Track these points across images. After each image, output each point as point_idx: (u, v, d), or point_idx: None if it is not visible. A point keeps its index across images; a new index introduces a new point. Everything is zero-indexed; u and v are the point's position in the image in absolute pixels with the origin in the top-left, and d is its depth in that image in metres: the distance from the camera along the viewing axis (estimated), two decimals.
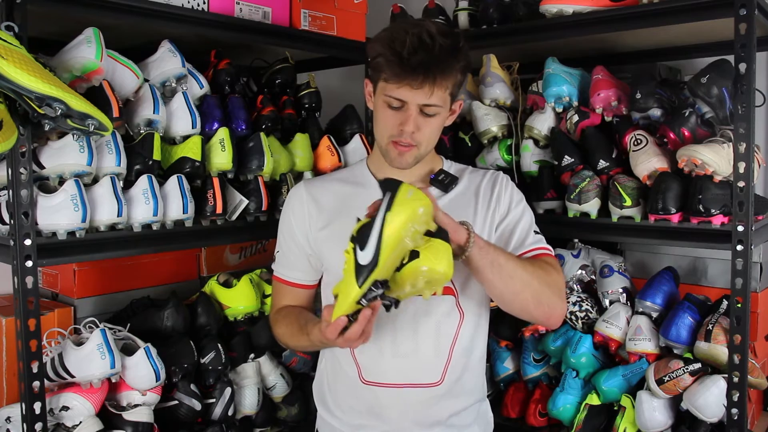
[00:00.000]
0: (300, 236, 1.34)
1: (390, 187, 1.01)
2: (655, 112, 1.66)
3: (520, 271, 1.16)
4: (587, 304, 1.78)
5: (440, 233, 1.03)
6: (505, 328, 1.90)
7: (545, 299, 1.20)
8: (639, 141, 1.62)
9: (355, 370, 1.30)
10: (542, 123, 1.80)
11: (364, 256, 0.97)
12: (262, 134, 1.65)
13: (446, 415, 1.30)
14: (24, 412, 1.28)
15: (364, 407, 1.31)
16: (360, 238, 0.98)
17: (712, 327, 1.53)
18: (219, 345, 1.65)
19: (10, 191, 1.26)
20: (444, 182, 1.32)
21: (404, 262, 1.00)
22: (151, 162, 1.46)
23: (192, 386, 1.59)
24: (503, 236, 1.30)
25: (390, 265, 0.98)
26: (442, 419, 1.30)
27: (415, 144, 1.24)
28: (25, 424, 1.28)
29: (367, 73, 1.30)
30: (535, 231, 1.32)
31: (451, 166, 1.40)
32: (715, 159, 1.46)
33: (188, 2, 1.54)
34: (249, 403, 1.71)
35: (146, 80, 1.52)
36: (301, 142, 1.76)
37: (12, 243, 1.27)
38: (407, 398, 1.28)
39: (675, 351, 1.60)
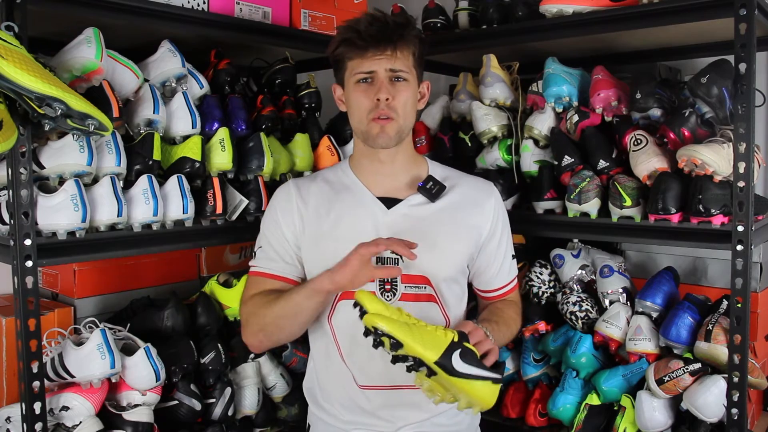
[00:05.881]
0: (288, 233, 1.35)
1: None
2: (655, 112, 1.66)
3: (506, 336, 1.41)
4: (587, 304, 1.78)
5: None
6: None
7: (512, 336, 1.46)
8: (639, 141, 1.62)
9: (349, 374, 1.33)
10: (542, 123, 1.80)
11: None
12: (262, 134, 1.65)
13: (437, 412, 1.34)
14: (24, 412, 1.28)
15: (357, 407, 1.33)
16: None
17: (712, 327, 1.52)
18: (219, 345, 1.65)
19: (10, 191, 1.26)
20: (432, 191, 1.33)
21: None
22: (151, 162, 1.46)
23: (192, 386, 1.59)
24: (485, 257, 1.40)
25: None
26: (432, 416, 1.34)
27: (394, 115, 1.28)
28: (25, 424, 1.28)
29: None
30: (512, 255, 1.45)
31: (436, 170, 1.41)
32: (715, 159, 1.46)
33: (188, 2, 1.54)
34: (249, 403, 1.71)
35: (146, 80, 1.52)
36: (301, 142, 1.76)
37: (12, 243, 1.27)
38: (400, 400, 1.32)
39: (675, 351, 1.60)
